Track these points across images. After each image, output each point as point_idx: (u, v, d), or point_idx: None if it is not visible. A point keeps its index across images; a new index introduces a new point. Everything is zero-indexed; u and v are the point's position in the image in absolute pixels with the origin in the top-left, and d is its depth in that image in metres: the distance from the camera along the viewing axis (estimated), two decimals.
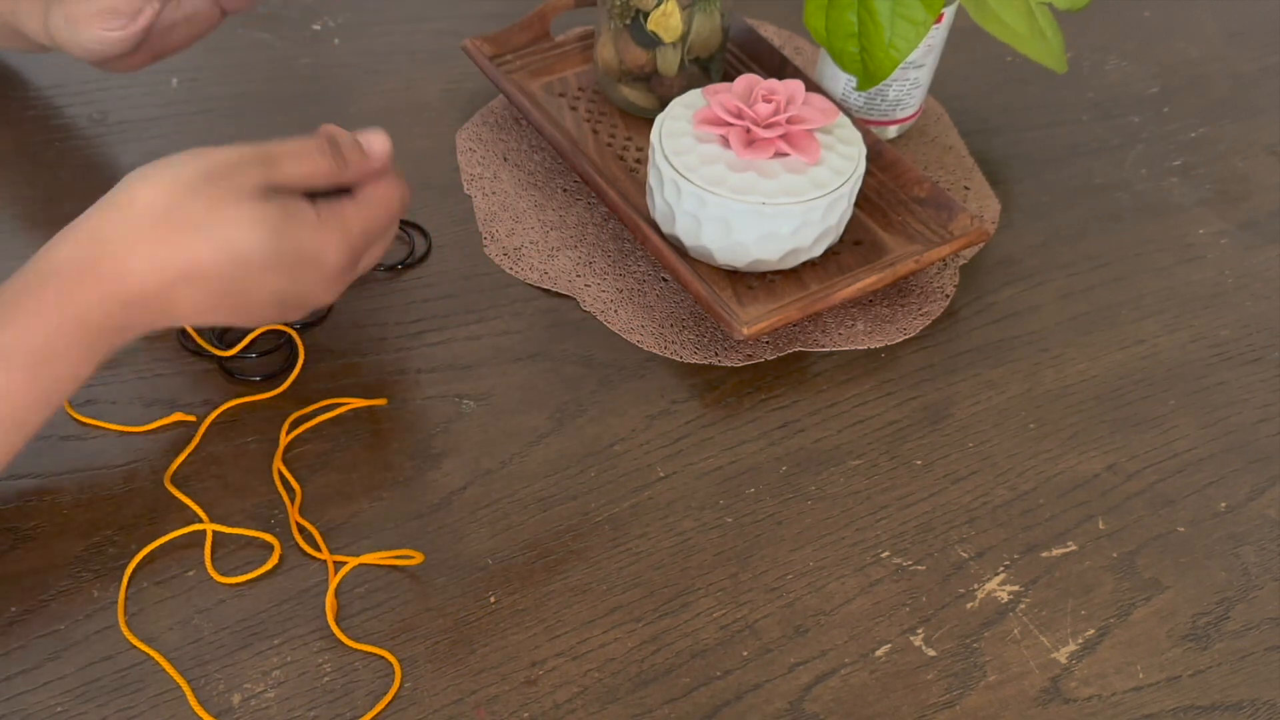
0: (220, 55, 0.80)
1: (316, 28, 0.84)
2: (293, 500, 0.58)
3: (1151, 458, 0.63)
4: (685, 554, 0.58)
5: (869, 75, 0.68)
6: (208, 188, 0.52)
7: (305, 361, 0.63)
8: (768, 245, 0.64)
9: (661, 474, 0.61)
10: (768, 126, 0.64)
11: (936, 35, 0.74)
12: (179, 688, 0.51)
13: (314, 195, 0.55)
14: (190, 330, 0.63)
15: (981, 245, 0.73)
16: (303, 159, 0.55)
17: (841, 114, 0.67)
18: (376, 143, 0.57)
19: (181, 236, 0.51)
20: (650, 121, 0.76)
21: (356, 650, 0.53)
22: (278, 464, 0.59)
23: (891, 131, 0.79)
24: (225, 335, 0.64)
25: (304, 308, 0.56)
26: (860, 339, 0.68)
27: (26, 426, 0.52)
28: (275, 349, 0.64)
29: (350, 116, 0.77)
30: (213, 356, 0.63)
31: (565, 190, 0.74)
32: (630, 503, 0.59)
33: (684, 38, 0.72)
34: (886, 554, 0.58)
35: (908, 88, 0.76)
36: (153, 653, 0.52)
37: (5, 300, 0.51)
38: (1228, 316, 0.71)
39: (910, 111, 0.78)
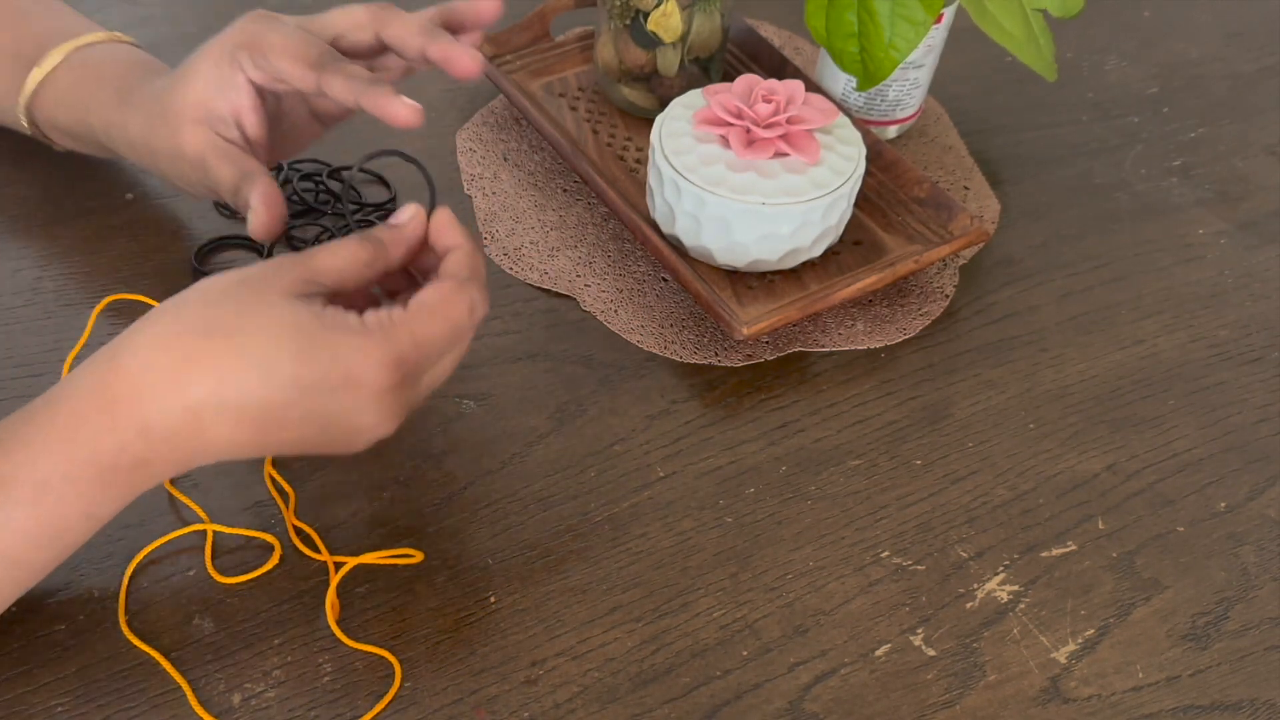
0: None
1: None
2: (287, 504, 0.57)
3: (1151, 458, 0.64)
4: (685, 554, 0.58)
5: (869, 75, 0.68)
6: (238, 292, 0.47)
7: None
8: (767, 245, 0.64)
9: (661, 474, 0.61)
10: (768, 126, 0.64)
11: (936, 35, 0.74)
12: (179, 688, 0.51)
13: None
14: None
15: (981, 245, 0.73)
16: (337, 249, 0.49)
17: (841, 114, 0.67)
18: (404, 213, 0.52)
19: (206, 350, 0.46)
20: (650, 121, 0.76)
21: (356, 650, 0.53)
22: (268, 468, 0.59)
23: (891, 131, 0.79)
24: None
25: (356, 436, 0.49)
26: (860, 339, 0.68)
27: (29, 565, 0.47)
28: None
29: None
30: None
31: (565, 190, 0.74)
32: (630, 503, 0.59)
33: (684, 38, 0.73)
34: (886, 554, 0.58)
35: (908, 88, 0.76)
36: (153, 653, 0.52)
37: (14, 426, 0.46)
38: (1227, 316, 0.71)
39: (910, 111, 0.78)
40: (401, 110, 0.55)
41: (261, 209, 0.57)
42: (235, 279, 0.47)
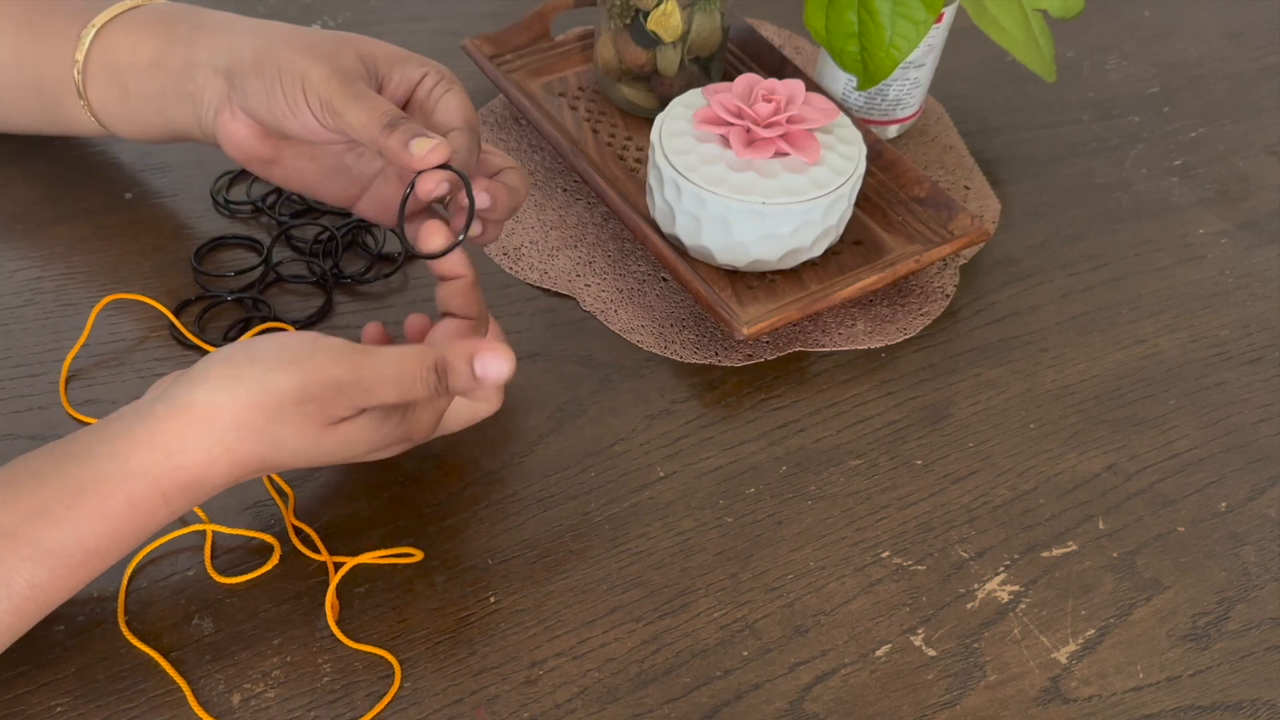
0: None
1: (316, 27, 0.83)
2: (286, 504, 0.57)
3: (1151, 458, 0.63)
4: (685, 554, 0.58)
5: (869, 75, 0.68)
6: (298, 413, 0.48)
7: None
8: (768, 245, 0.64)
9: (661, 474, 0.61)
10: (768, 126, 0.64)
11: (937, 35, 0.74)
12: (179, 688, 0.51)
13: None
14: (180, 325, 0.63)
15: (981, 245, 0.73)
16: (402, 388, 0.49)
17: (841, 113, 0.67)
18: (492, 368, 0.50)
19: (265, 454, 0.49)
20: (650, 121, 0.76)
21: (356, 650, 0.53)
22: None
23: (891, 131, 0.79)
24: (227, 333, 0.64)
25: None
26: (860, 339, 0.68)
27: (42, 610, 0.49)
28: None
29: None
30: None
31: (565, 190, 0.74)
32: (630, 503, 0.59)
33: (684, 37, 0.72)
34: (886, 554, 0.58)
35: (908, 87, 0.76)
36: (153, 653, 0.52)
37: (64, 488, 0.47)
38: (1227, 316, 0.71)
39: (910, 111, 0.78)
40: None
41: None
42: (294, 394, 0.48)
